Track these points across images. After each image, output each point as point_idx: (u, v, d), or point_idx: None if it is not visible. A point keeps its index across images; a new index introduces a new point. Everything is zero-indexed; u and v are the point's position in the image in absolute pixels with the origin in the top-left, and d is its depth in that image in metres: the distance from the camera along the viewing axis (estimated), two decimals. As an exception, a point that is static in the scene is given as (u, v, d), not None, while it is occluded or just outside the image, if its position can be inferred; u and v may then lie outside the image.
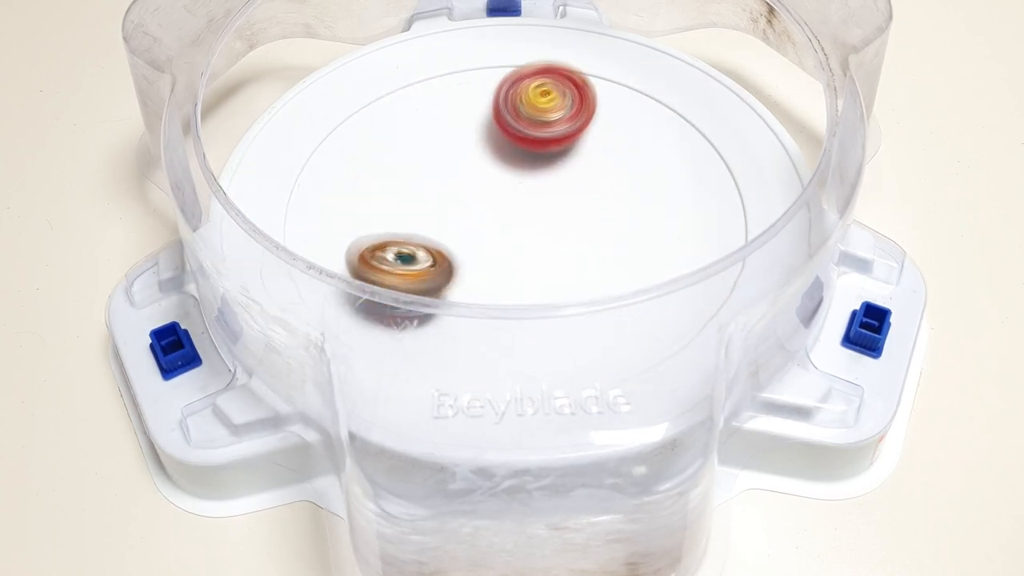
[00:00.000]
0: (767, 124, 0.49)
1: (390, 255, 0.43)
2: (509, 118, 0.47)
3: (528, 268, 0.45)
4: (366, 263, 0.42)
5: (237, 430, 0.42)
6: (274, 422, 0.42)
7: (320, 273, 0.38)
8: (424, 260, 0.43)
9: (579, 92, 0.48)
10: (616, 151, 0.48)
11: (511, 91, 0.48)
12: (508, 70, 0.51)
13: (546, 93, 0.47)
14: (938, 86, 0.56)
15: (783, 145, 0.48)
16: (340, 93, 0.50)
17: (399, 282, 0.42)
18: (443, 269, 0.43)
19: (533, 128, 0.47)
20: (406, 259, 0.43)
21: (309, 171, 0.48)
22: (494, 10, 0.54)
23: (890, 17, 0.46)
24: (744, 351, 0.40)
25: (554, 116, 0.47)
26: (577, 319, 0.38)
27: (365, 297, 0.38)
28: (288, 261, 0.39)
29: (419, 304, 0.38)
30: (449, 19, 0.54)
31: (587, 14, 0.54)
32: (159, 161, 0.46)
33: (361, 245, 0.43)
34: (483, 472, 0.37)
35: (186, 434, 0.42)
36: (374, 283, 0.41)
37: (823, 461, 0.43)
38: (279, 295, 0.40)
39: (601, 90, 0.50)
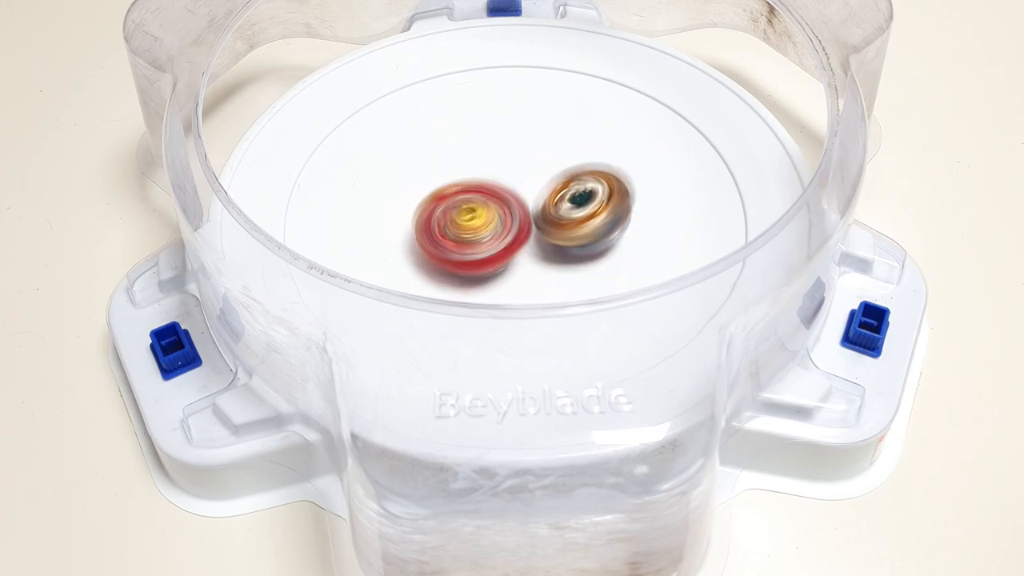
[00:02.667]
0: (767, 124, 0.49)
1: (566, 202, 0.44)
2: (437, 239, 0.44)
3: (529, 267, 0.45)
4: (551, 222, 0.44)
5: (238, 430, 0.42)
6: (275, 422, 0.42)
7: (321, 273, 0.38)
8: (600, 193, 0.44)
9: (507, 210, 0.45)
10: (616, 151, 0.48)
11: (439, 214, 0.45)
12: (508, 70, 0.51)
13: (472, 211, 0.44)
14: (938, 86, 0.56)
15: (783, 145, 0.48)
16: (340, 93, 0.50)
17: (583, 231, 0.44)
18: (620, 195, 0.45)
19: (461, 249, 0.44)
20: (583, 199, 0.44)
21: (309, 171, 0.48)
22: (494, 10, 0.54)
23: (891, 17, 0.46)
24: (745, 351, 0.40)
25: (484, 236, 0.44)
26: (578, 319, 0.38)
27: (368, 298, 0.38)
28: (289, 261, 0.39)
29: (418, 303, 0.38)
30: (449, 19, 0.54)
31: (587, 14, 0.54)
32: (160, 161, 0.46)
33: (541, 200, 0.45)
34: (485, 472, 0.37)
35: (187, 434, 0.42)
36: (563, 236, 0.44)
37: (823, 461, 0.43)
38: (280, 295, 0.40)
39: (601, 90, 0.51)
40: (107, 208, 0.52)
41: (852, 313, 0.45)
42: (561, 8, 0.54)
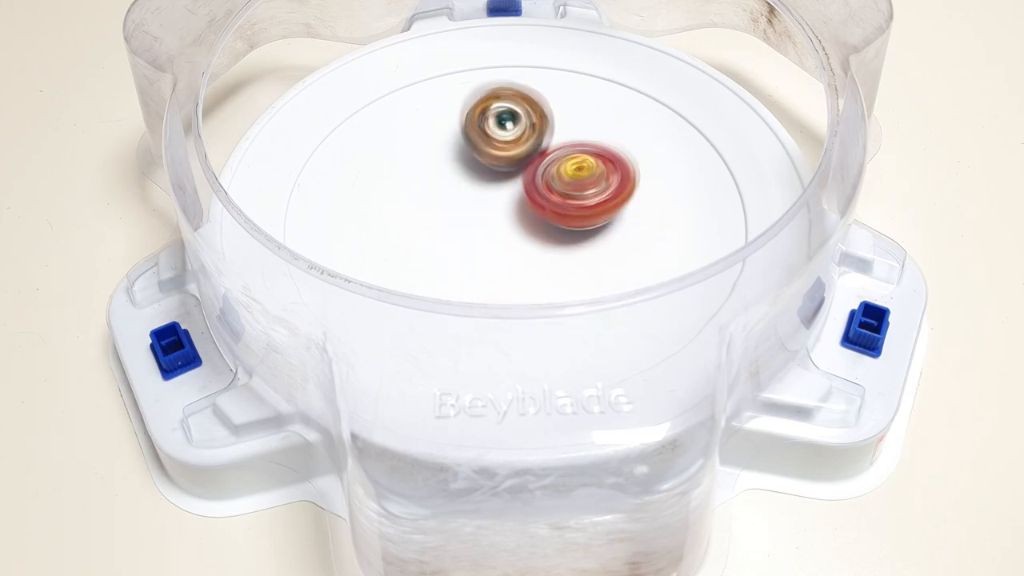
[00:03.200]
0: (767, 124, 0.49)
1: (492, 120, 0.46)
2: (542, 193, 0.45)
3: (529, 267, 0.45)
4: (477, 132, 0.46)
5: (238, 430, 0.42)
6: (275, 422, 0.42)
7: (321, 273, 0.38)
8: (523, 120, 0.46)
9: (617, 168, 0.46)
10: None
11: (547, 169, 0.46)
12: (508, 70, 0.51)
13: (581, 168, 0.45)
14: (938, 86, 0.56)
15: (783, 145, 0.48)
16: (340, 93, 0.50)
17: (503, 155, 0.46)
18: (539, 129, 0.47)
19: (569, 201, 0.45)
20: (506, 120, 0.46)
21: (309, 171, 0.48)
22: (494, 10, 0.54)
23: (891, 17, 0.46)
24: (745, 351, 0.40)
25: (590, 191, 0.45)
26: (577, 319, 0.38)
27: (368, 298, 0.38)
28: (289, 261, 0.39)
29: (418, 303, 0.38)
30: (449, 19, 0.54)
31: (587, 14, 0.54)
32: (160, 161, 0.46)
33: (469, 104, 0.47)
34: (485, 472, 0.37)
35: (187, 434, 0.42)
36: (486, 153, 0.46)
37: (823, 461, 0.43)
38: (280, 295, 0.40)
39: (601, 90, 0.51)
40: (107, 208, 0.52)
41: (852, 313, 0.45)
42: (561, 8, 0.54)
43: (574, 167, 0.45)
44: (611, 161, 0.45)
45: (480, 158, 0.47)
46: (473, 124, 0.47)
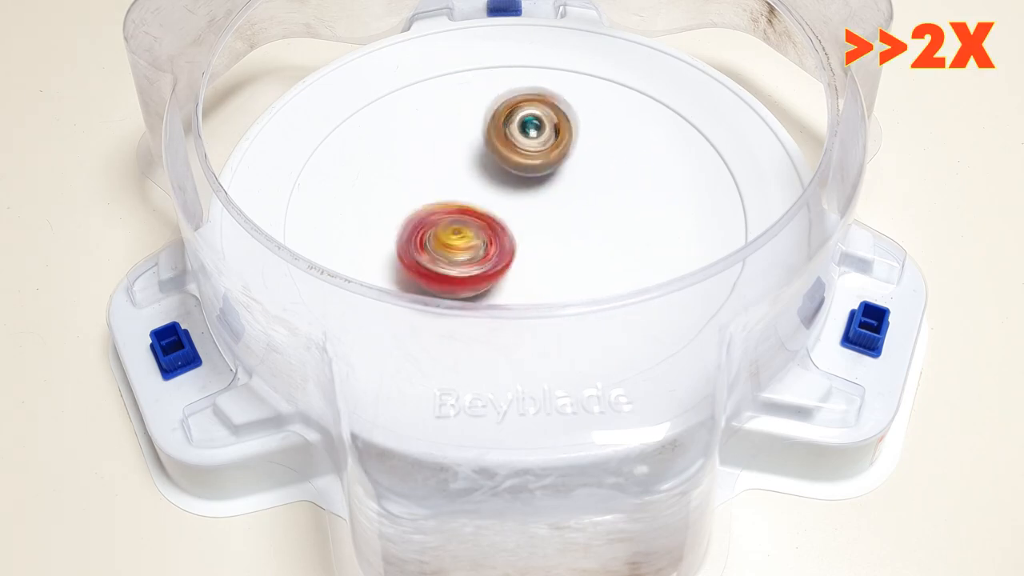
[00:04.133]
0: (767, 124, 0.49)
1: (516, 126, 0.45)
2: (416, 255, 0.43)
3: (529, 268, 0.45)
4: (502, 140, 0.46)
5: (238, 430, 0.42)
6: (275, 422, 0.42)
7: (321, 273, 0.38)
8: (548, 130, 0.46)
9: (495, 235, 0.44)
10: (616, 151, 0.48)
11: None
12: (508, 70, 0.51)
13: (458, 232, 0.43)
14: (938, 86, 0.56)
15: (783, 145, 0.48)
16: (340, 93, 0.50)
17: (528, 161, 0.46)
18: (563, 139, 0.46)
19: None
20: (532, 126, 0.46)
21: (309, 171, 0.48)
22: (494, 10, 0.54)
23: (891, 17, 0.46)
24: (745, 351, 0.40)
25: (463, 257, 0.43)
26: (578, 319, 0.38)
27: (368, 298, 0.38)
28: (289, 261, 0.39)
29: (418, 303, 0.38)
30: (449, 19, 0.54)
31: (587, 14, 0.54)
32: (160, 161, 0.46)
33: (495, 108, 0.46)
34: (485, 472, 0.37)
35: (187, 434, 0.42)
36: (510, 160, 0.46)
37: (823, 461, 0.43)
38: (280, 294, 0.40)
39: (601, 90, 0.51)
40: (107, 208, 0.52)
41: (852, 313, 0.45)
42: (561, 8, 0.54)
43: (452, 232, 0.43)
44: (492, 230, 0.43)
45: (503, 163, 0.46)
46: (497, 129, 0.46)
